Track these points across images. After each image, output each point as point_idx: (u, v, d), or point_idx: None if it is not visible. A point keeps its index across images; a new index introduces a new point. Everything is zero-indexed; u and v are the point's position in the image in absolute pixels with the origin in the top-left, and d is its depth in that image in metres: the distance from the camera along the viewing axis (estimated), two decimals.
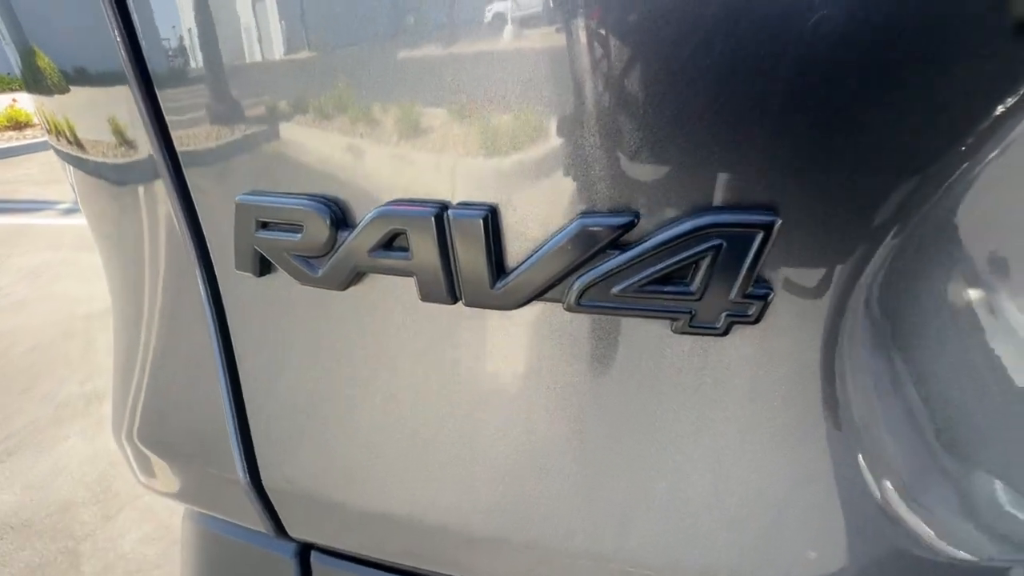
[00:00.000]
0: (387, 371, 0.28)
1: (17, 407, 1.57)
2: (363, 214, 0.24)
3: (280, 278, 0.27)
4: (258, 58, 0.24)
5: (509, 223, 0.22)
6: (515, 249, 0.23)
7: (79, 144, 0.32)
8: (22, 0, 0.30)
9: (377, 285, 0.25)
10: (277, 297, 0.28)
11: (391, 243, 0.24)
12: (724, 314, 0.21)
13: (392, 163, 0.23)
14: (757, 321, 0.21)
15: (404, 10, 0.21)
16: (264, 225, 0.26)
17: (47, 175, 4.78)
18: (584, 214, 0.21)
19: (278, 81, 0.24)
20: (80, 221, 3.06)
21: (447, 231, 0.22)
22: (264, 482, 0.32)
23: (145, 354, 0.35)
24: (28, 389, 1.66)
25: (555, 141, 0.21)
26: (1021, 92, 0.17)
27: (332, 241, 0.24)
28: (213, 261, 0.29)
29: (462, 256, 0.23)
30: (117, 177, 0.32)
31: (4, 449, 1.38)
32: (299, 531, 0.32)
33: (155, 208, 0.30)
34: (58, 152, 0.35)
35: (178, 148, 0.27)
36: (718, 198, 0.20)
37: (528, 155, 0.21)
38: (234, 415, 0.32)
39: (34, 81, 0.32)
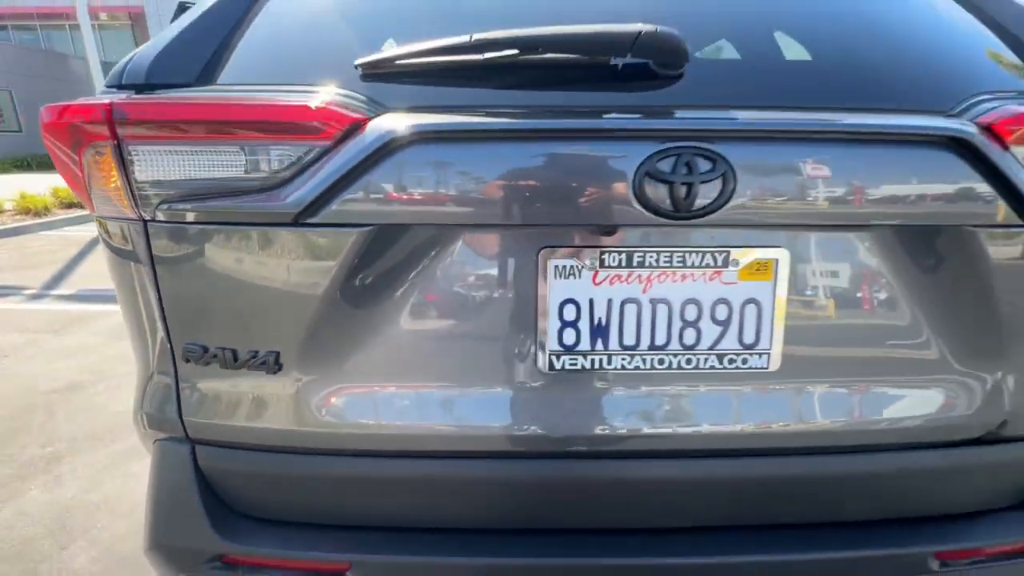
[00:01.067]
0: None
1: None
2: None
3: None
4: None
5: None
6: None
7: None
8: None
9: None
10: None
11: None
12: None
13: None
14: None
15: None
16: None
17: (16, 261, 5.08)
18: None
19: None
20: (46, 306, 3.40)
21: None
22: (183, 417, 0.76)
23: (149, 362, 0.80)
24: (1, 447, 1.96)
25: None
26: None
27: None
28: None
29: None
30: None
31: (44, 458, 1.69)
32: (193, 434, 0.76)
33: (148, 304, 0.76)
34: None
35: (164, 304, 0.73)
36: None
37: None
38: (177, 399, 0.76)
39: None
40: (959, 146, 0.63)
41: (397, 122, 0.63)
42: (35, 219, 6.79)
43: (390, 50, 0.70)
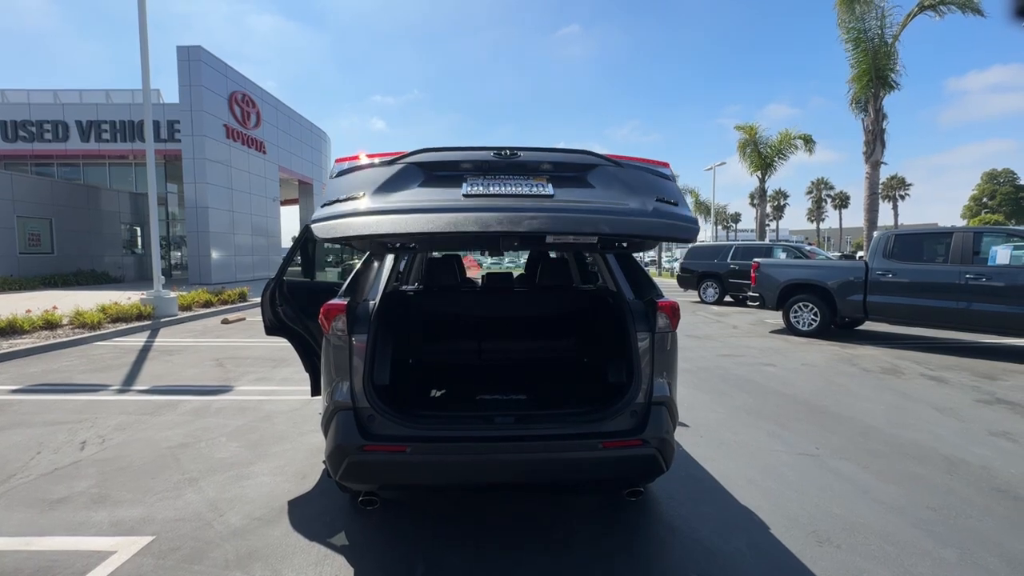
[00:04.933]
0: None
1: (159, 481, 3.03)
2: None
3: None
4: None
5: None
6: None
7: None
8: None
9: None
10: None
11: None
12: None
13: None
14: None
15: None
16: None
17: (89, 365, 6.30)
18: None
19: None
20: (132, 397, 4.80)
21: None
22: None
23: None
24: (155, 476, 3.13)
25: None
26: None
27: None
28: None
29: None
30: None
31: (186, 479, 2.86)
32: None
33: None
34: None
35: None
36: None
37: None
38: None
39: None
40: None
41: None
42: (91, 331, 8.08)
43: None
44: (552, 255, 5.29)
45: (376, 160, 2.08)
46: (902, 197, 64.45)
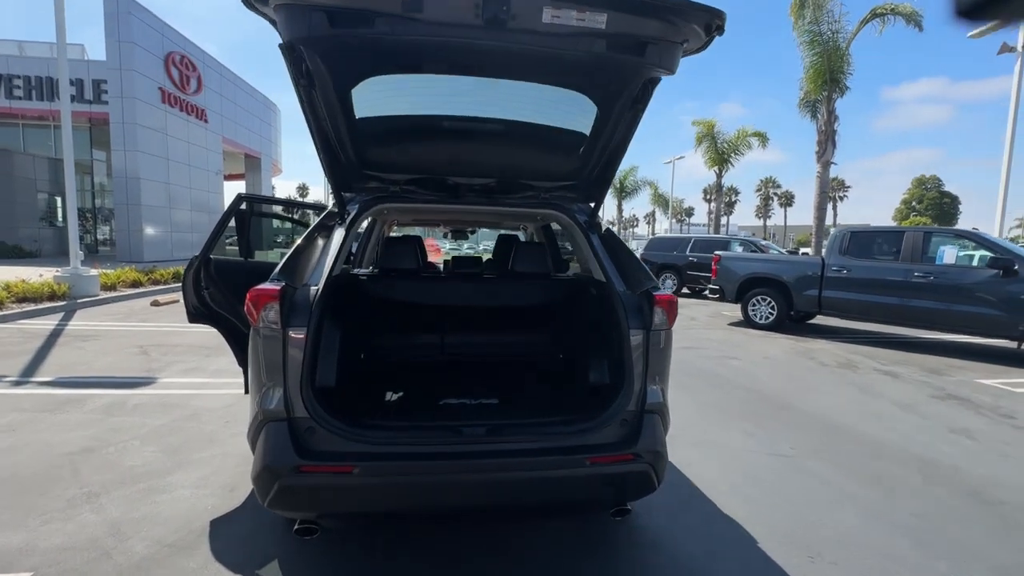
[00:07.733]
0: None
1: (49, 498, 2.49)
2: None
3: None
4: None
5: None
6: None
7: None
8: None
9: None
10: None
11: None
12: None
13: None
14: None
15: None
16: None
17: None
18: None
19: None
20: (31, 391, 4.07)
21: None
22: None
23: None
24: (46, 491, 2.58)
25: None
26: None
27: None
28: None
29: None
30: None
31: (85, 495, 2.33)
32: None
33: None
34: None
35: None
36: None
37: None
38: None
39: None
40: None
41: None
42: None
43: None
44: (523, 238, 4.91)
45: None
46: (842, 198, 68.31)
